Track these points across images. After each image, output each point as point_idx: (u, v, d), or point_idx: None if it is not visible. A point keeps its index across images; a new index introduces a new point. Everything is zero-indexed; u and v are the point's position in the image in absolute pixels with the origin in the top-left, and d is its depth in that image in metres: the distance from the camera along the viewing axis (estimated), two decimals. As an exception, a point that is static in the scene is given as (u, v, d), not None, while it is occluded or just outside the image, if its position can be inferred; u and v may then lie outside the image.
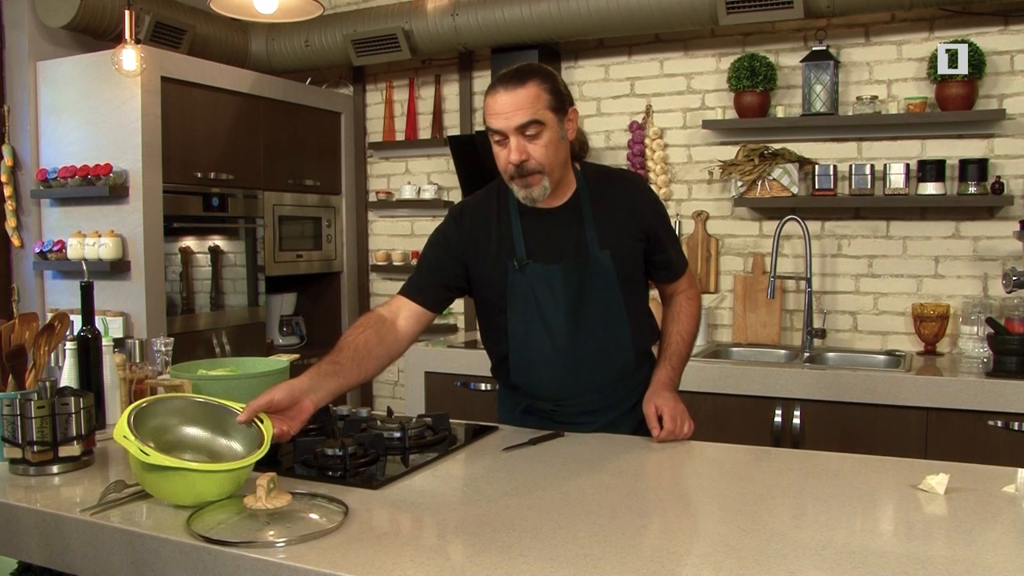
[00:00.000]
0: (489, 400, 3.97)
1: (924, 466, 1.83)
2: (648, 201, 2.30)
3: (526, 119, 2.04)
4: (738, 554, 1.41)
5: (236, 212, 4.38)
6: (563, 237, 2.20)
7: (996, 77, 3.74)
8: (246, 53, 4.72)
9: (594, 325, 2.21)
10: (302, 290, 5.06)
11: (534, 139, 2.07)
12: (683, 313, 2.39)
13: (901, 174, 3.80)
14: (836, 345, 4.05)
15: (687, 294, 2.41)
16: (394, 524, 1.62)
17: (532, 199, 2.14)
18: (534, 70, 2.11)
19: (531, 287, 2.19)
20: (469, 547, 1.49)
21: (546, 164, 2.10)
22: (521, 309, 2.21)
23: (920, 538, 1.54)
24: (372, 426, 2.15)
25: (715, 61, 4.23)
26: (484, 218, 2.27)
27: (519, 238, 2.21)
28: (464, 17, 4.26)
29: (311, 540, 1.46)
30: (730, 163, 4.02)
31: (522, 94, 2.05)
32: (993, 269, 3.78)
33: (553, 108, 2.09)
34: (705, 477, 1.93)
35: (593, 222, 2.20)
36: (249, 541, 1.45)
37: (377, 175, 5.16)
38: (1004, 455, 3.05)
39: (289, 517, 1.56)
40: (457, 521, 1.62)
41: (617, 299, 2.22)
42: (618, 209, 2.23)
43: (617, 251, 2.21)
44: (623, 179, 2.33)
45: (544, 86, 2.08)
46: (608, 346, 2.24)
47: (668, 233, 2.33)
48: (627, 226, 2.23)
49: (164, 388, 2.11)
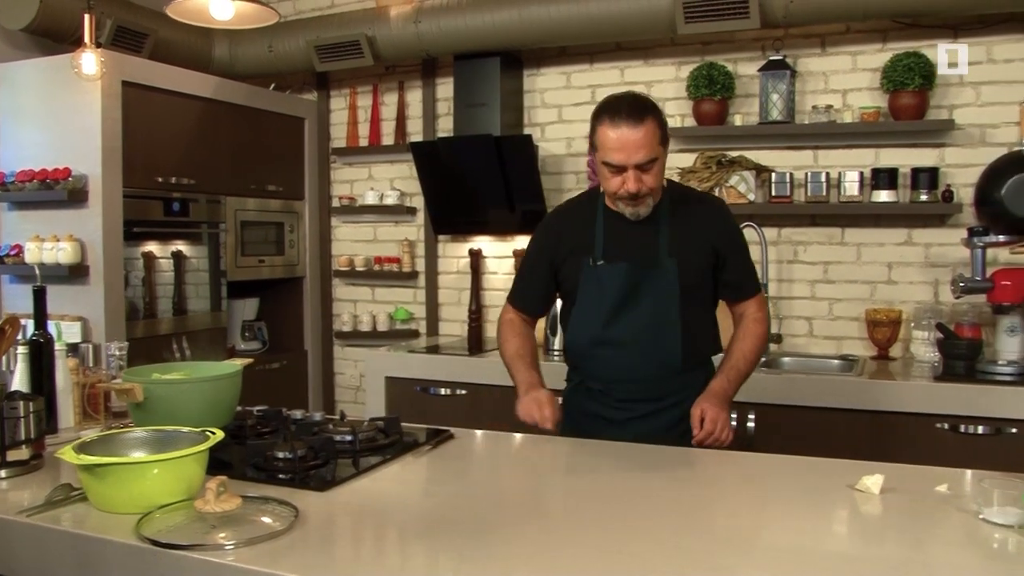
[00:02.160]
0: (450, 404, 4.01)
1: (861, 467, 1.88)
2: (723, 224, 2.49)
3: (648, 158, 2.24)
4: (671, 552, 1.45)
5: (199, 217, 4.37)
6: (638, 242, 2.40)
7: (946, 88, 3.82)
8: (209, 58, 4.71)
9: (645, 321, 2.39)
10: (265, 295, 5.06)
11: (648, 170, 2.26)
12: (749, 334, 2.51)
13: (855, 182, 3.87)
14: (792, 350, 4.11)
15: (755, 317, 2.53)
16: (342, 526, 1.64)
17: (638, 215, 2.36)
18: (648, 106, 2.27)
19: (598, 280, 2.41)
20: (413, 547, 1.52)
21: (655, 189, 2.32)
22: (585, 298, 2.44)
23: (852, 536, 1.58)
24: (324, 430, 2.17)
25: (675, 69, 4.29)
26: (572, 222, 2.51)
27: (599, 241, 2.43)
28: (427, 24, 4.28)
29: (260, 542, 1.47)
30: (688, 170, 4.07)
31: (643, 132, 2.22)
32: (944, 275, 3.86)
33: (663, 141, 2.30)
34: (649, 478, 1.97)
35: (667, 232, 2.40)
36: (197, 544, 1.46)
37: (340, 181, 5.17)
38: (951, 457, 3.11)
39: (239, 520, 1.57)
40: (403, 522, 1.64)
41: (673, 302, 2.39)
42: (693, 225, 2.42)
43: (684, 261, 2.39)
44: (704, 202, 2.55)
45: (657, 121, 2.27)
46: (655, 343, 2.40)
47: (739, 257, 2.51)
48: (698, 242, 2.42)
49: (116, 392, 2.11)
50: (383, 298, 5.08)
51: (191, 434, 1.80)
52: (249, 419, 2.34)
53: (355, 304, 5.16)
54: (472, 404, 3.98)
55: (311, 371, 5.13)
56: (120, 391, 2.06)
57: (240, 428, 2.26)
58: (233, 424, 2.25)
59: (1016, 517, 1.54)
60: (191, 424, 1.88)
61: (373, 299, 5.11)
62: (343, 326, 5.07)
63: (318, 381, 5.17)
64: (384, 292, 5.07)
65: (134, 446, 1.81)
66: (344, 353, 5.22)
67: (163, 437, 1.83)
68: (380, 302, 5.08)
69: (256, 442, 2.06)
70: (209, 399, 2.10)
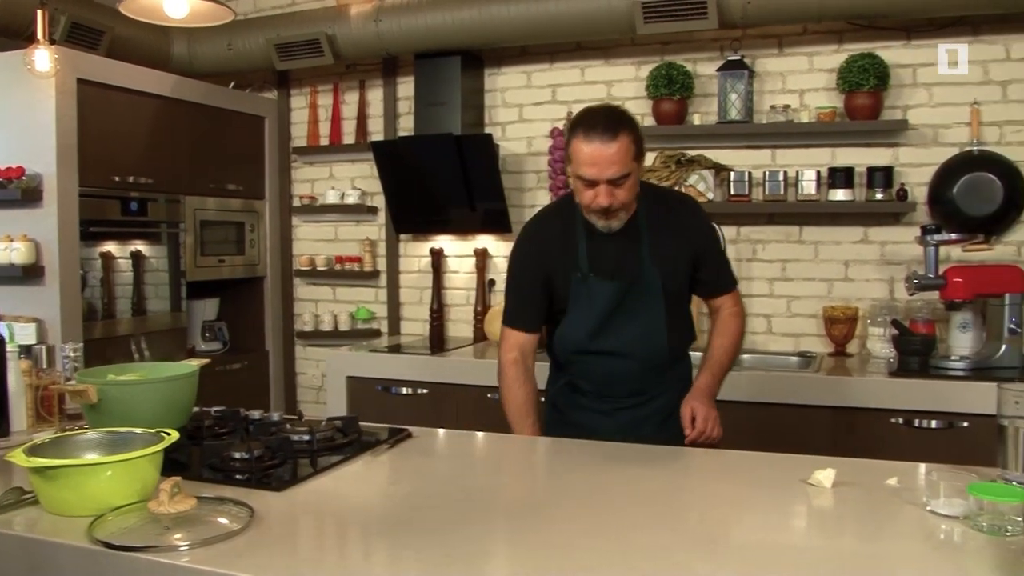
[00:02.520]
0: (411, 404, 4.01)
1: (815, 461, 1.91)
2: (700, 226, 2.54)
3: (620, 173, 2.23)
4: (629, 548, 1.46)
5: (158, 217, 4.33)
6: (621, 255, 2.42)
7: (900, 89, 3.88)
8: (167, 56, 4.66)
9: (633, 330, 2.45)
10: (225, 295, 5.01)
11: (621, 185, 2.26)
12: (728, 329, 2.57)
13: (813, 181, 3.92)
14: (751, 347, 4.15)
15: (732, 311, 2.59)
16: (298, 525, 1.64)
17: (610, 228, 2.37)
18: (622, 120, 2.27)
19: (587, 295, 2.44)
20: (368, 546, 1.52)
21: (628, 203, 2.33)
22: (575, 311, 2.47)
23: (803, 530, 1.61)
24: (282, 430, 2.16)
25: (634, 69, 4.32)
26: (554, 236, 2.49)
27: (584, 255, 2.43)
28: (387, 23, 4.27)
29: (215, 543, 1.47)
30: (648, 169, 4.09)
31: (615, 147, 2.21)
32: (899, 272, 3.92)
33: (637, 156, 2.29)
34: (605, 476, 1.98)
35: (648, 242, 2.42)
36: (151, 545, 1.44)
37: (301, 180, 5.14)
38: (905, 451, 3.17)
39: (194, 521, 1.56)
40: (358, 521, 1.64)
41: (660, 309, 2.45)
42: (672, 231, 2.45)
43: (666, 268, 2.44)
44: (681, 204, 2.56)
45: (631, 137, 2.26)
46: (643, 348, 2.47)
47: (715, 254, 2.59)
48: (678, 246, 2.45)
49: (69, 393, 2.09)
50: (344, 298, 5.06)
51: (145, 435, 1.78)
52: (206, 420, 2.32)
53: (316, 304, 5.13)
54: (434, 403, 3.98)
55: (272, 371, 5.10)
56: (74, 393, 2.04)
57: (197, 429, 2.24)
58: (190, 425, 2.24)
59: (962, 508, 1.57)
60: (147, 425, 1.86)
61: (334, 299, 5.09)
62: (304, 326, 5.04)
63: (279, 381, 5.14)
64: (345, 291, 5.06)
65: (87, 448, 1.79)
66: (305, 353, 5.19)
67: (117, 439, 1.81)
68: (341, 302, 5.06)
69: (213, 443, 2.05)
70: (165, 400, 2.08)
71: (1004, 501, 1.51)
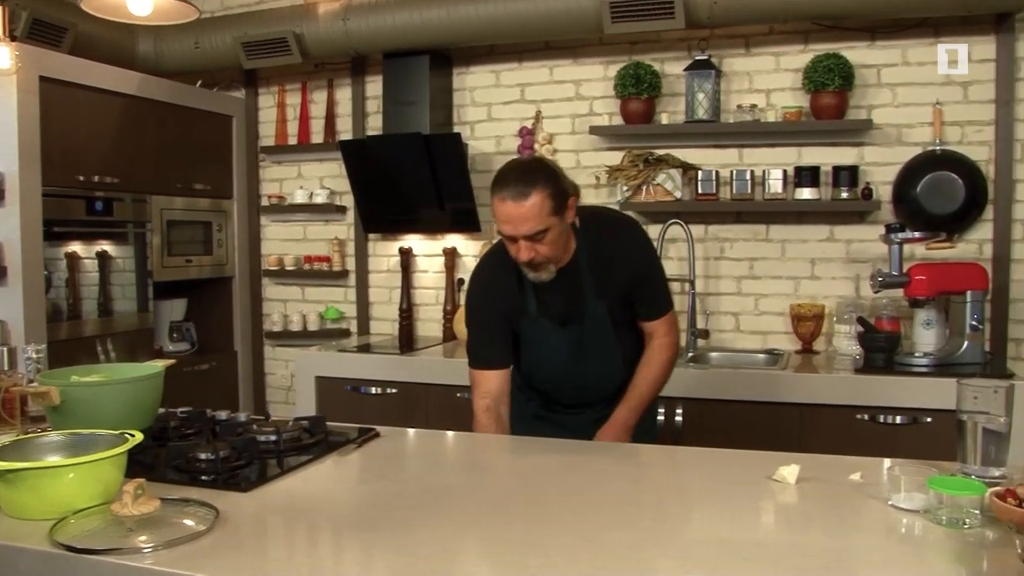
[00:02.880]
0: (381, 403, 4.00)
1: (779, 458, 1.92)
2: (638, 249, 2.52)
3: (534, 230, 2.24)
4: (594, 546, 1.47)
5: (124, 216, 4.28)
6: (567, 296, 2.45)
7: (865, 89, 3.93)
8: (133, 54, 4.62)
9: (587, 362, 2.51)
10: (193, 296, 4.97)
11: (540, 240, 2.27)
12: (655, 360, 2.54)
13: (779, 179, 3.95)
14: (719, 345, 4.18)
15: (663, 342, 2.55)
16: (263, 526, 1.63)
17: (540, 279, 2.38)
18: (536, 177, 2.25)
19: (541, 339, 2.50)
20: (334, 546, 1.51)
21: (553, 256, 2.34)
22: (534, 350, 2.54)
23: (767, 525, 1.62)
24: (248, 430, 2.15)
25: (603, 68, 4.33)
26: (502, 275, 2.49)
27: (531, 299, 2.47)
28: (355, 22, 4.26)
29: (179, 544, 1.46)
30: (616, 168, 4.12)
31: (527, 206, 2.22)
32: (864, 270, 3.96)
33: (556, 211, 2.26)
34: (573, 474, 1.99)
35: (591, 277, 2.44)
36: (114, 548, 1.43)
37: (269, 179, 5.11)
38: (871, 446, 3.20)
39: (158, 522, 1.55)
40: (324, 521, 1.64)
41: (612, 340, 2.50)
42: (612, 259, 2.45)
43: (611, 299, 2.46)
44: (618, 230, 2.53)
45: (547, 192, 2.24)
46: (598, 374, 2.54)
47: (652, 277, 2.54)
48: (619, 274, 2.46)
49: (31, 395, 2.06)
50: (313, 297, 5.04)
51: (109, 437, 1.77)
52: (172, 421, 2.31)
53: (285, 304, 5.11)
54: (403, 403, 3.97)
55: (241, 372, 5.07)
56: (36, 395, 2.02)
57: (163, 430, 2.23)
58: (156, 426, 2.22)
59: (922, 502, 1.60)
60: (111, 427, 1.84)
61: (303, 298, 5.06)
62: (273, 326, 5.01)
63: (248, 382, 5.11)
64: (314, 291, 5.03)
65: (50, 450, 1.77)
66: (274, 353, 5.16)
67: (80, 441, 1.79)
68: (310, 301, 5.04)
69: (178, 444, 2.04)
70: (129, 401, 2.06)
71: (963, 495, 1.53)
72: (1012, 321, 3.80)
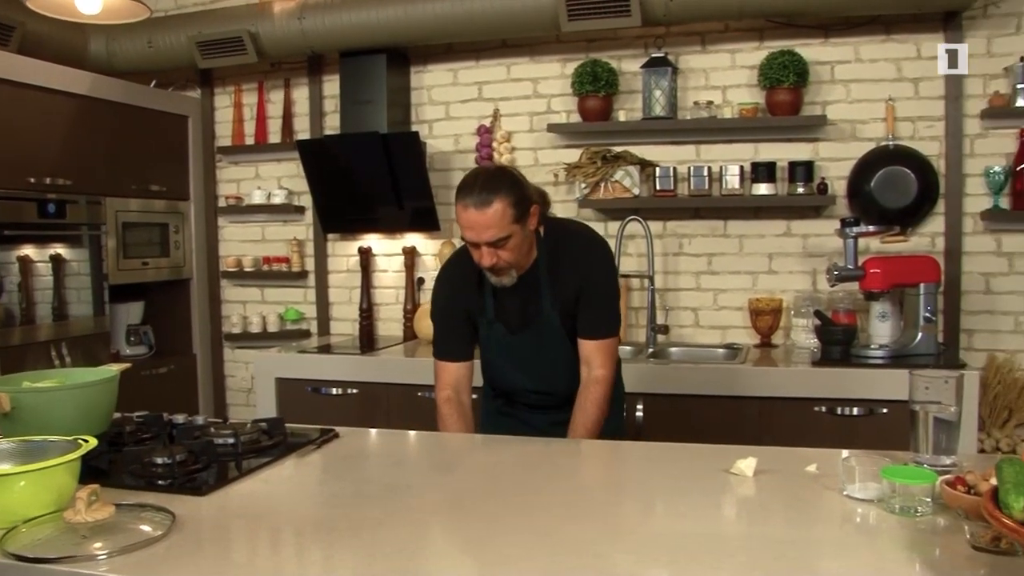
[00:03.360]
0: (341, 404, 3.98)
1: (737, 451, 1.94)
2: (591, 262, 2.51)
3: (496, 237, 2.29)
4: (552, 542, 1.47)
5: (78, 219, 4.21)
6: (524, 302, 2.49)
7: (819, 85, 3.98)
8: (84, 53, 4.54)
9: (544, 368, 2.55)
10: (150, 298, 4.91)
11: (502, 247, 2.32)
12: (589, 402, 2.46)
13: (736, 175, 3.99)
14: (679, 340, 4.21)
15: (596, 377, 2.47)
16: (221, 529, 1.62)
17: (502, 284, 2.43)
18: (499, 186, 2.30)
19: (496, 342, 2.55)
20: (291, 547, 1.50)
21: (514, 263, 2.38)
22: (490, 352, 2.60)
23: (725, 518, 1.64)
24: (206, 433, 2.13)
25: (560, 66, 4.34)
26: (463, 282, 2.55)
27: (489, 302, 2.52)
28: (311, 21, 4.23)
29: (135, 550, 1.44)
30: (574, 165, 4.13)
31: (489, 214, 2.27)
32: (821, 264, 4.01)
33: (517, 219, 2.31)
34: (532, 471, 2.00)
35: (548, 286, 2.47)
36: (67, 556, 1.41)
37: (226, 180, 5.06)
38: (828, 438, 3.25)
39: (113, 529, 1.53)
40: (282, 523, 1.63)
41: (567, 348, 2.51)
42: (569, 270, 2.48)
43: (566, 309, 2.48)
44: (577, 242, 2.54)
45: (508, 201, 2.29)
46: (555, 380, 2.56)
47: (598, 293, 2.49)
48: (573, 285, 2.47)
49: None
50: (273, 298, 5.00)
51: (62, 443, 1.74)
52: (128, 426, 2.28)
53: (244, 305, 5.06)
54: (364, 403, 3.95)
55: (200, 375, 5.01)
56: (-14, 401, 1.98)
57: (119, 435, 2.20)
58: (111, 431, 2.19)
59: (876, 492, 1.62)
60: (64, 433, 1.81)
61: (263, 300, 5.02)
62: (232, 328, 4.97)
63: (208, 385, 5.05)
64: (274, 292, 4.99)
65: (0, 458, 1.74)
66: (234, 355, 5.11)
67: (32, 447, 1.76)
68: (270, 303, 5.00)
69: (134, 449, 2.01)
70: (83, 407, 2.03)
71: (914, 483, 1.56)
72: (964, 312, 3.88)
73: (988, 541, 1.36)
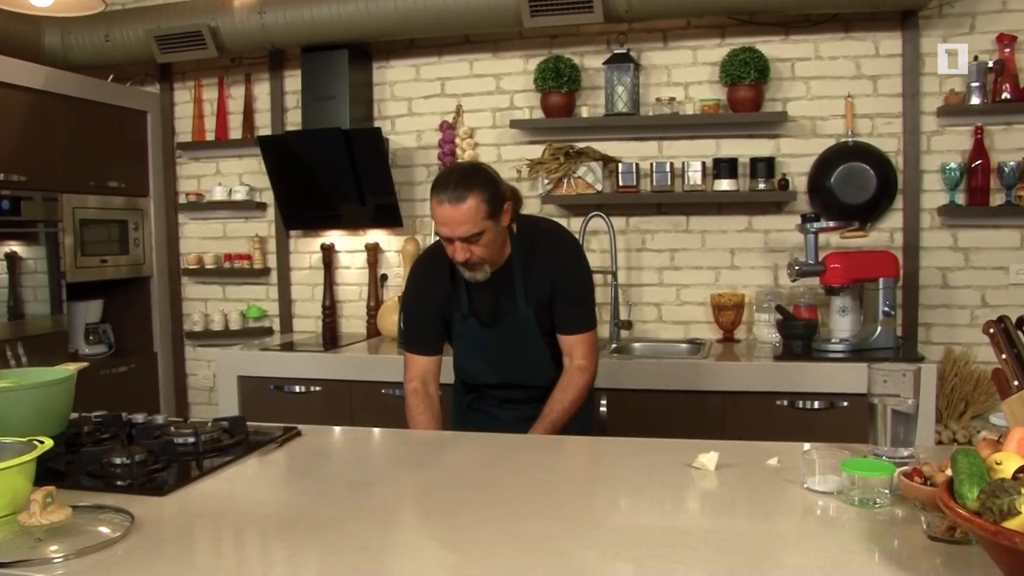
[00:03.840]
0: (304, 402, 3.95)
1: (699, 445, 1.95)
2: (565, 261, 2.56)
3: (470, 232, 2.32)
4: (514, 538, 1.47)
5: (34, 216, 4.13)
6: (498, 298, 2.53)
7: (779, 82, 4.01)
8: (39, 47, 4.45)
9: (517, 364, 2.58)
10: (110, 297, 4.84)
11: (475, 242, 2.35)
12: (572, 385, 2.53)
13: (698, 171, 4.01)
14: (642, 336, 4.23)
15: (581, 364, 2.55)
16: (180, 530, 1.60)
17: (475, 279, 2.46)
18: (473, 182, 2.34)
19: (470, 337, 2.57)
20: (252, 548, 1.49)
21: (488, 258, 2.42)
22: (464, 347, 2.62)
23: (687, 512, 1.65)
24: (165, 432, 2.10)
25: (523, 62, 4.34)
26: (437, 277, 2.59)
27: (464, 296, 2.55)
28: (272, 15, 4.18)
29: (92, 553, 1.41)
30: (537, 162, 4.13)
31: (463, 209, 2.31)
32: (782, 260, 4.05)
33: (491, 215, 2.35)
34: (494, 467, 2.00)
35: (522, 282, 2.51)
36: (22, 560, 1.38)
37: (187, 176, 4.99)
38: (790, 432, 3.28)
39: (69, 531, 1.50)
40: (243, 523, 1.61)
41: (540, 344, 2.55)
42: (542, 268, 2.52)
43: (539, 306, 2.52)
44: (550, 240, 2.59)
45: (483, 197, 2.33)
46: (529, 376, 2.59)
47: (573, 292, 2.55)
48: (546, 283, 2.51)
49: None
50: (235, 296, 4.95)
51: (16, 444, 1.70)
52: (86, 426, 2.23)
53: (206, 303, 5.01)
54: (327, 400, 3.93)
55: (161, 374, 4.95)
56: (-62, 402, 1.94)
57: (76, 436, 2.16)
58: (69, 432, 2.15)
59: (836, 484, 1.64)
60: (18, 435, 1.77)
61: (224, 297, 4.97)
62: (194, 326, 4.91)
63: (169, 384, 4.99)
64: (235, 290, 4.94)
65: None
66: (196, 354, 5.05)
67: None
68: (232, 300, 4.95)
69: (92, 449, 1.98)
70: (38, 407, 1.99)
71: (873, 475, 1.58)
72: (922, 307, 3.93)
73: (944, 531, 1.38)
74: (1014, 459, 1.28)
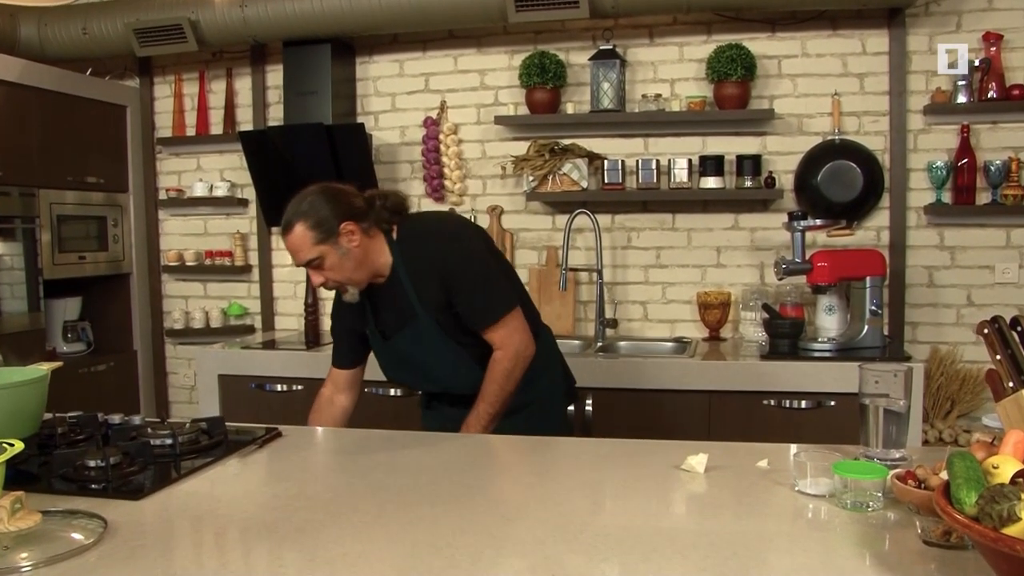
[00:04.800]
0: (286, 401, 3.90)
1: (688, 447, 1.92)
2: (449, 257, 2.44)
3: (305, 259, 2.32)
4: (500, 543, 1.44)
5: (10, 211, 4.07)
6: (396, 309, 2.48)
7: (766, 79, 3.99)
8: (14, 39, 4.38)
9: (436, 367, 2.54)
10: (89, 294, 4.77)
11: (321, 267, 2.34)
12: (490, 377, 2.45)
13: (685, 169, 3.99)
14: (628, 334, 4.20)
15: (496, 357, 2.46)
16: (156, 535, 1.55)
17: (351, 300, 2.45)
18: (296, 211, 2.32)
19: (379, 349, 2.58)
20: (230, 553, 1.45)
21: (343, 279, 2.38)
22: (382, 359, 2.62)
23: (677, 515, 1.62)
24: (142, 434, 2.05)
25: (508, 58, 4.30)
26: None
27: (369, 311, 2.53)
28: (253, 8, 4.13)
29: (63, 560, 1.37)
30: (522, 158, 4.09)
31: (293, 239, 2.32)
32: (768, 258, 4.03)
33: (322, 240, 2.31)
34: (479, 469, 1.96)
35: (413, 289, 2.44)
36: (-12, 569, 1.34)
37: (167, 172, 4.93)
38: (777, 431, 3.26)
39: (40, 538, 1.45)
40: (221, 527, 1.57)
41: (451, 346, 2.49)
42: (428, 271, 2.43)
43: (439, 309, 2.45)
44: (429, 241, 2.48)
45: (307, 224, 2.30)
46: (452, 378, 2.55)
47: (465, 287, 2.44)
48: (437, 285, 2.43)
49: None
50: (216, 293, 4.89)
51: (-15, 447, 1.66)
52: (60, 427, 2.18)
53: (186, 300, 4.94)
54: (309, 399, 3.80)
55: (141, 372, 4.88)
56: (-94, 402, 1.88)
57: (50, 437, 2.10)
58: (42, 433, 2.10)
59: (827, 487, 1.61)
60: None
61: (205, 295, 4.91)
62: (174, 324, 4.85)
63: (149, 383, 4.93)
64: (216, 287, 4.88)
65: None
66: (176, 352, 4.99)
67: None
68: (213, 297, 4.89)
69: (66, 451, 1.93)
70: (7, 408, 1.94)
71: (866, 478, 1.55)
72: (908, 305, 3.92)
73: (939, 535, 1.36)
74: (1011, 463, 1.25)
